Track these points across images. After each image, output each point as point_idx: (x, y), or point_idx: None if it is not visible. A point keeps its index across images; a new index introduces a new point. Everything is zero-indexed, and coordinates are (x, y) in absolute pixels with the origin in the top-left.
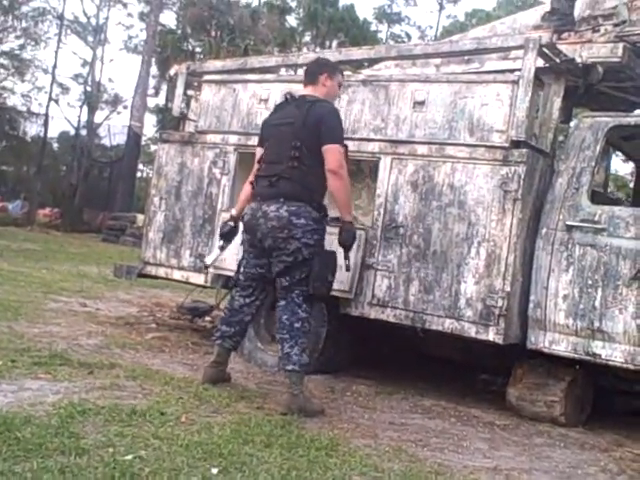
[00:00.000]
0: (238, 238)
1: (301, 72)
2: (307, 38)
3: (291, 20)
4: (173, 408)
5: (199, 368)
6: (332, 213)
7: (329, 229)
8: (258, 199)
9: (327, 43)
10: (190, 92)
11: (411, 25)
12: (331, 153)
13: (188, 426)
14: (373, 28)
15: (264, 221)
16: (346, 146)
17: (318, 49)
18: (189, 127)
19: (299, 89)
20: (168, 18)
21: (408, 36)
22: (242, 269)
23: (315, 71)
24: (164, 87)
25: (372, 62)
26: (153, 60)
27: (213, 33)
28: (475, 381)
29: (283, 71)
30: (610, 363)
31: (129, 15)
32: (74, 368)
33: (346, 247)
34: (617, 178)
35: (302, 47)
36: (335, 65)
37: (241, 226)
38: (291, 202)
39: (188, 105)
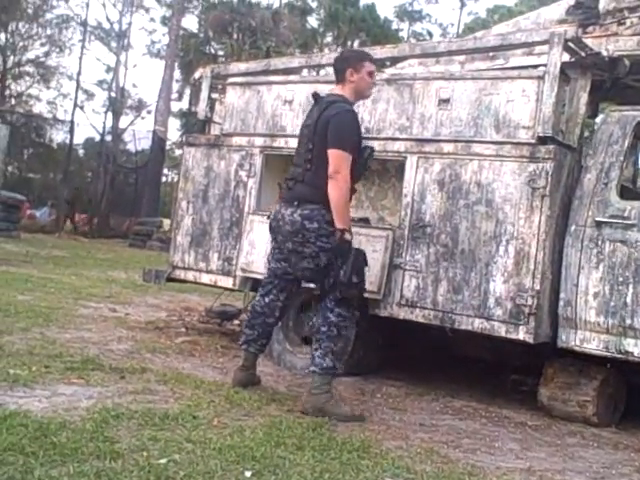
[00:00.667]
0: (265, 237)
1: (324, 72)
2: (329, 39)
3: (312, 21)
4: (205, 412)
5: (229, 371)
6: (359, 214)
7: (355, 229)
8: (281, 202)
9: (349, 43)
10: (215, 95)
11: (432, 23)
12: (331, 157)
13: (220, 429)
14: (394, 27)
15: (282, 224)
16: (371, 148)
17: (340, 49)
18: (214, 130)
19: (324, 89)
20: (190, 22)
21: (430, 34)
22: (267, 266)
23: (339, 68)
24: (187, 91)
25: (396, 61)
26: (176, 64)
27: (235, 36)
28: (506, 381)
29: (306, 72)
30: None
31: (151, 20)
32: (106, 373)
33: (342, 257)
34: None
35: (323, 48)
36: (359, 55)
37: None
38: (304, 205)
39: (213, 108)
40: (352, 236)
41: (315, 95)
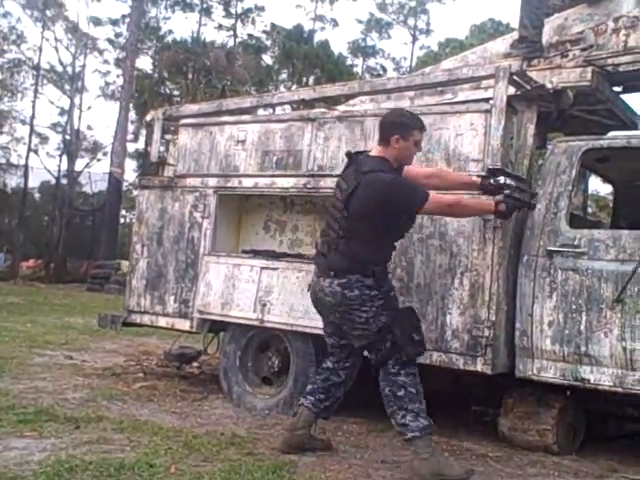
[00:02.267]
0: (222, 278)
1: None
2: (284, 75)
3: (267, 59)
4: (162, 459)
5: (188, 416)
6: (315, 251)
7: (312, 267)
8: (317, 272)
9: (304, 80)
10: (168, 137)
11: (386, 58)
12: (425, 213)
13: (178, 477)
14: (348, 62)
15: (322, 296)
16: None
17: (295, 87)
18: (169, 172)
19: (276, 128)
20: (144, 63)
21: (384, 69)
22: (325, 337)
23: (386, 132)
24: (143, 132)
25: (347, 98)
26: (131, 105)
27: (190, 75)
28: (467, 413)
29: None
30: (599, 387)
31: (105, 62)
32: (60, 424)
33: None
34: (599, 199)
35: (279, 85)
36: (411, 123)
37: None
38: (342, 275)
39: (168, 150)
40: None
41: (350, 154)
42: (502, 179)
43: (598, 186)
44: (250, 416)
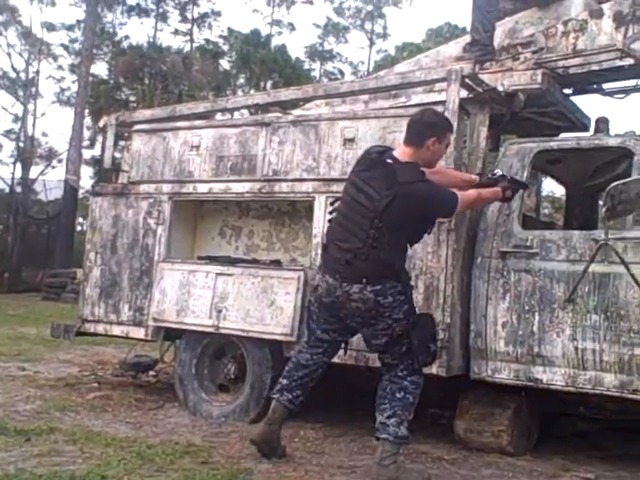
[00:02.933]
0: (177, 285)
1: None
2: (241, 80)
3: (224, 63)
4: (114, 470)
5: (143, 425)
6: (271, 256)
7: (267, 272)
8: (337, 277)
9: (262, 84)
10: (122, 143)
11: (343, 62)
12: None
13: None
14: (306, 67)
15: (345, 301)
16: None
17: (252, 91)
18: (123, 178)
19: (231, 133)
20: (100, 68)
21: (341, 73)
22: (311, 331)
23: (422, 132)
24: (99, 138)
25: (304, 102)
26: (86, 111)
27: (146, 81)
28: (424, 416)
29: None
30: (552, 387)
31: (60, 67)
32: (10, 437)
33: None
34: (554, 200)
35: (237, 90)
36: (447, 125)
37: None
38: (374, 281)
39: (123, 156)
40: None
41: (375, 154)
42: (498, 171)
43: (554, 188)
44: (206, 424)
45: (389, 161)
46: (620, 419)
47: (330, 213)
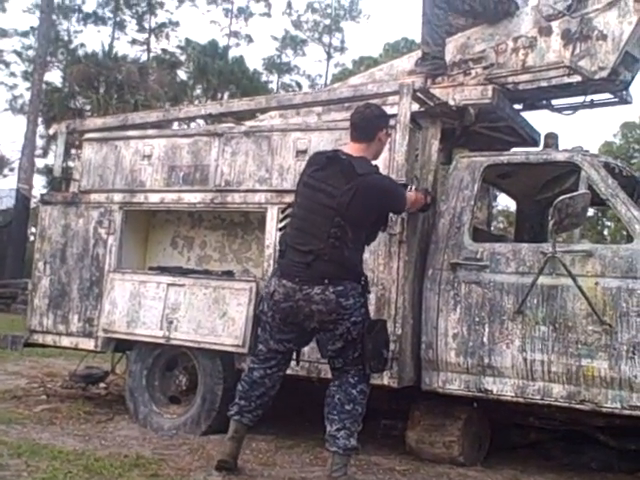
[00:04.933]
0: (127, 296)
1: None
2: (198, 91)
3: (181, 74)
4: None
5: (91, 438)
6: (223, 267)
7: (219, 283)
8: (296, 280)
9: (219, 95)
10: (74, 151)
11: (301, 74)
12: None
13: None
14: (264, 79)
15: (306, 304)
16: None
17: (209, 102)
18: (74, 187)
19: (183, 143)
20: (54, 76)
21: (299, 85)
22: (263, 343)
23: (373, 126)
24: (53, 147)
25: (260, 113)
26: (40, 120)
27: (101, 90)
28: (377, 427)
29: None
30: (502, 398)
31: (12, 75)
32: None
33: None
34: (509, 214)
35: (194, 100)
36: (387, 115)
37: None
38: (337, 282)
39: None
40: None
41: (332, 153)
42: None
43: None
44: (157, 437)
45: (344, 157)
46: (569, 429)
47: (281, 221)
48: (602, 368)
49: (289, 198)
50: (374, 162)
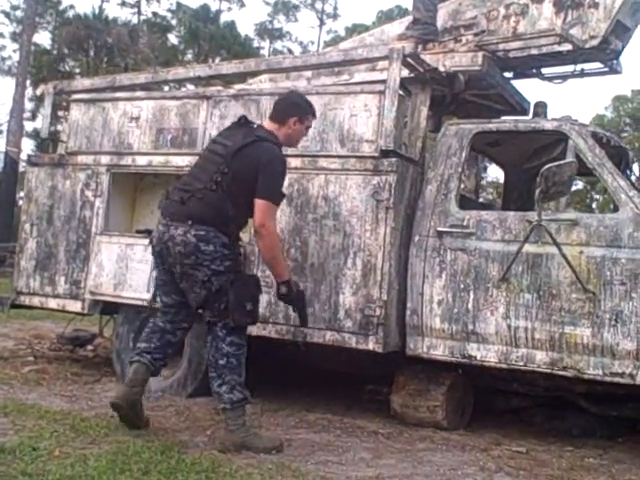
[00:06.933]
0: (114, 258)
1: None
2: (189, 56)
3: (172, 38)
4: (46, 442)
5: (78, 399)
6: None
7: None
8: (167, 219)
9: (210, 60)
10: (61, 113)
11: (293, 41)
12: (257, 209)
13: (62, 460)
14: (255, 44)
15: (172, 245)
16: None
17: (196, 66)
18: (62, 149)
19: (171, 105)
20: (43, 38)
21: (290, 52)
22: (158, 297)
23: (285, 111)
24: (41, 110)
25: (249, 76)
26: (28, 82)
27: (91, 53)
28: (362, 392)
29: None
30: (485, 364)
31: (0, 35)
32: None
33: (291, 304)
34: (498, 186)
35: (185, 65)
36: (309, 108)
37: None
38: (199, 226)
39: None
40: (293, 287)
41: (243, 119)
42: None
43: (499, 174)
44: (143, 398)
45: (254, 124)
46: (551, 395)
47: None
48: (585, 335)
49: None
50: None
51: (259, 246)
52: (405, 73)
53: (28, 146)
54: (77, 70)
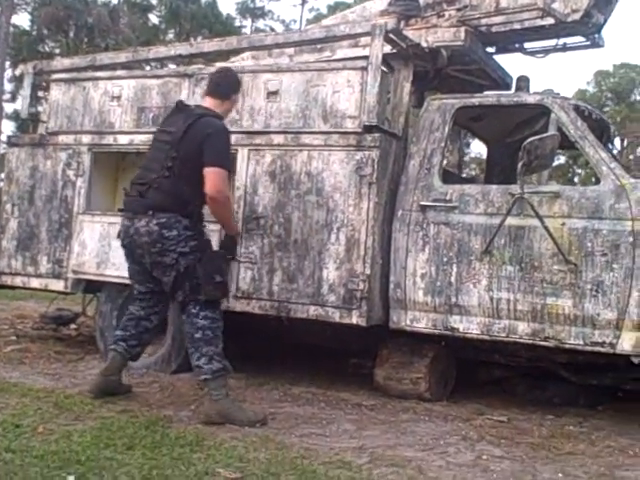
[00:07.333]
0: (97, 237)
1: (156, 66)
2: (171, 35)
3: (153, 18)
4: (30, 419)
5: (61, 377)
6: None
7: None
8: (130, 214)
9: (192, 40)
10: (41, 94)
11: (275, 20)
12: (209, 177)
13: (45, 436)
14: (237, 23)
15: (138, 237)
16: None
17: (177, 44)
18: (42, 129)
19: (152, 84)
20: (21, 19)
21: (273, 30)
22: (132, 284)
23: (230, 87)
24: (21, 91)
25: (232, 54)
26: (7, 64)
27: (71, 34)
28: (346, 366)
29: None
30: (468, 336)
31: None
32: None
33: (228, 250)
34: (481, 162)
35: (167, 45)
36: (240, 84)
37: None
38: (160, 214)
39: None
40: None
41: (180, 103)
42: None
43: (482, 150)
44: (127, 375)
45: (192, 106)
46: (532, 366)
47: None
48: (566, 306)
49: (260, 139)
50: None
51: (215, 211)
52: (388, 49)
53: (8, 128)
54: (57, 51)
